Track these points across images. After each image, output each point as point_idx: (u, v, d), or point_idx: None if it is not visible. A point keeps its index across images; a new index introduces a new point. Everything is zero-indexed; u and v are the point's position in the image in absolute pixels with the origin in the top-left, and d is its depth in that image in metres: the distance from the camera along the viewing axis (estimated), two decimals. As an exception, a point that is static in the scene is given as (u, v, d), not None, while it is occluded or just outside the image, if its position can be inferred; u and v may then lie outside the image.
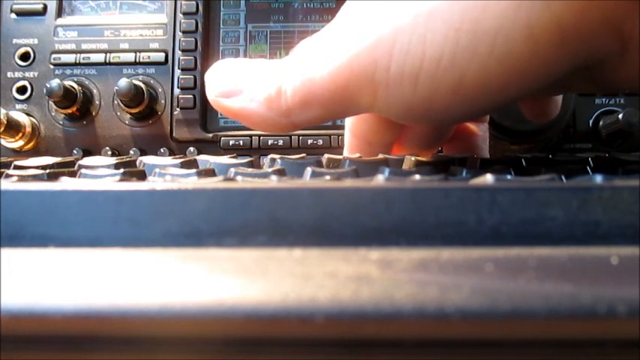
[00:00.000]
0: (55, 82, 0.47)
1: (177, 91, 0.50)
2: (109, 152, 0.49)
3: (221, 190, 0.17)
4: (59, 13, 0.52)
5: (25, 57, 0.51)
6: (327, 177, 0.22)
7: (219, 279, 0.14)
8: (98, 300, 0.14)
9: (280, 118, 0.26)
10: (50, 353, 0.15)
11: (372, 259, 0.15)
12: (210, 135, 0.50)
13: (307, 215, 0.17)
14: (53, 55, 0.51)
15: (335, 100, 0.25)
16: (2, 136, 0.49)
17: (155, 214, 0.17)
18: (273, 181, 0.20)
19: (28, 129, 0.49)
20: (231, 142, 0.49)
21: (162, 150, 0.50)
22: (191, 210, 0.17)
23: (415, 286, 0.14)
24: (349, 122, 0.34)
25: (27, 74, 0.51)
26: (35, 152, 0.49)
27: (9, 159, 0.35)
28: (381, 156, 0.30)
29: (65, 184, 0.19)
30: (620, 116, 0.45)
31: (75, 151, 0.49)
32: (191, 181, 0.21)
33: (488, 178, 0.19)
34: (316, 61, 0.25)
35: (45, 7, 0.51)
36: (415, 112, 0.25)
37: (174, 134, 0.50)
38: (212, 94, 0.28)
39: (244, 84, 0.27)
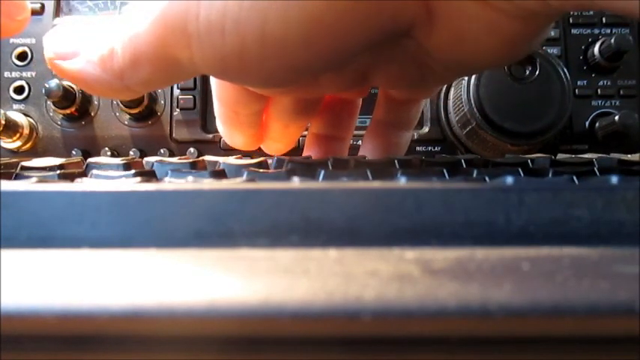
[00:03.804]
0: (54, 82, 0.47)
1: (177, 91, 0.50)
2: (108, 153, 0.49)
3: (253, 190, 0.18)
4: (57, 12, 0.51)
5: (22, 57, 0.50)
6: (344, 178, 0.22)
7: (261, 279, 0.14)
8: (138, 298, 0.14)
9: (115, 80, 0.25)
10: (50, 353, 0.15)
11: (408, 259, 0.15)
12: (211, 136, 0.50)
13: (339, 215, 0.17)
14: (51, 55, 0.50)
15: (159, 56, 0.24)
16: (0, 137, 0.48)
17: (187, 214, 0.17)
18: (296, 182, 0.21)
19: (26, 129, 0.48)
20: (231, 143, 0.49)
21: (162, 151, 0.49)
22: (223, 210, 0.17)
23: (457, 284, 0.14)
24: (214, 89, 0.33)
25: (24, 74, 0.50)
26: (33, 153, 0.49)
27: (9, 159, 0.35)
28: (389, 156, 0.30)
29: (91, 185, 0.19)
30: (617, 118, 0.46)
31: (74, 152, 0.49)
32: (224, 182, 0.21)
33: (513, 179, 0.19)
34: (139, 15, 0.24)
35: (42, 7, 0.51)
36: (231, 67, 0.24)
37: (173, 135, 0.50)
38: (49, 55, 0.26)
39: (81, 45, 0.25)
